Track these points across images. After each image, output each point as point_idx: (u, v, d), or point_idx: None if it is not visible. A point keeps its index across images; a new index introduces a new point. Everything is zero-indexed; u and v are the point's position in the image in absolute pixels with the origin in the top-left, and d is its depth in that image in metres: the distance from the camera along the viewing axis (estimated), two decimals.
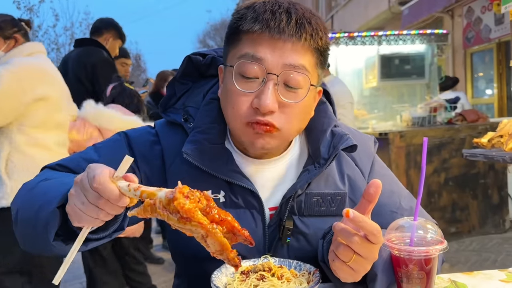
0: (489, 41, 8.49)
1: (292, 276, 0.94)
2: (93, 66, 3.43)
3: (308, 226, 1.10)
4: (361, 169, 1.19)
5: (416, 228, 0.93)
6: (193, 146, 1.07)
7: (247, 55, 1.00)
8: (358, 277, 0.91)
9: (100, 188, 0.75)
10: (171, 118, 1.17)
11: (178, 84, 1.21)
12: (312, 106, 1.10)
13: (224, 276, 0.98)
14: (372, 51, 5.74)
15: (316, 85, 1.06)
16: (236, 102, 1.02)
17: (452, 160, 4.60)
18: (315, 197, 1.10)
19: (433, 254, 0.91)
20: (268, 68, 0.99)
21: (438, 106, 4.88)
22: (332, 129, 1.14)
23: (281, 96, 0.99)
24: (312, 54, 1.02)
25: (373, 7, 11.84)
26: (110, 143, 1.16)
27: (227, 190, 1.09)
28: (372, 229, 0.82)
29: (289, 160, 1.15)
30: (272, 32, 0.97)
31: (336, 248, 0.87)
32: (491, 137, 2.12)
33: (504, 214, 4.84)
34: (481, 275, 1.13)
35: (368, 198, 0.86)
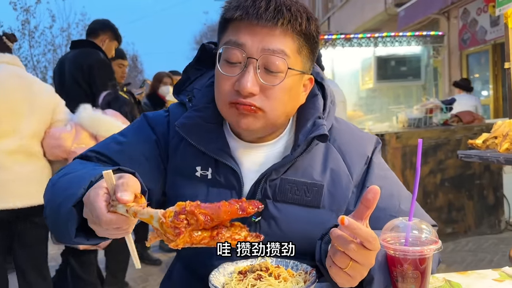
0: (484, 42, 8.54)
1: (289, 276, 0.95)
2: (89, 67, 3.42)
3: (280, 211, 1.13)
4: (348, 165, 1.19)
5: (411, 228, 0.95)
6: (186, 121, 1.15)
7: (230, 41, 1.06)
8: (355, 283, 0.92)
9: (100, 223, 0.81)
10: (180, 99, 1.27)
11: (192, 70, 1.29)
12: (298, 91, 1.13)
13: (222, 276, 0.99)
14: (368, 53, 5.78)
15: (298, 70, 1.08)
16: (221, 85, 1.09)
17: (448, 161, 4.63)
18: (289, 184, 1.13)
19: (428, 253, 0.92)
20: (248, 53, 1.04)
21: (434, 108, 4.91)
22: (316, 120, 1.16)
23: (261, 79, 1.05)
24: (292, 40, 1.06)
25: (369, 9, 11.90)
26: (134, 126, 1.26)
27: (213, 168, 1.15)
28: (367, 236, 0.83)
29: (279, 147, 1.19)
30: (251, 18, 1.03)
31: (333, 255, 0.88)
32: (485, 138, 2.14)
33: (500, 215, 4.87)
34: (475, 275, 1.15)
35: (366, 204, 0.86)
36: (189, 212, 0.75)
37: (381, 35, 5.55)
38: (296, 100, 1.14)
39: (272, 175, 1.13)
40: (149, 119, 1.24)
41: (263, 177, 1.12)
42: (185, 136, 1.13)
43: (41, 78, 4.05)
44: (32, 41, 18.70)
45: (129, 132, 1.24)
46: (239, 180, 1.14)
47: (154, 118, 1.25)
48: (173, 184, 1.19)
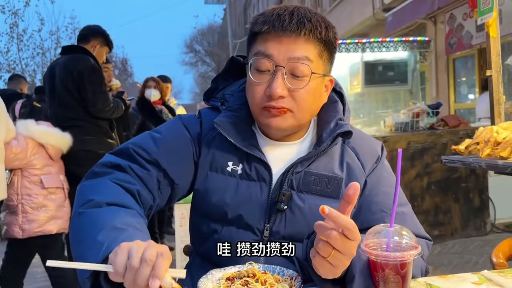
0: (470, 47, 8.66)
1: (275, 282, 0.98)
2: (79, 73, 3.43)
3: (304, 201, 1.24)
4: (362, 163, 1.31)
5: (392, 234, 0.99)
6: (224, 119, 1.28)
7: (259, 52, 1.20)
8: (337, 273, 0.96)
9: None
10: (210, 104, 1.40)
11: (221, 80, 1.44)
12: (321, 92, 1.26)
13: (210, 282, 1.02)
14: (356, 58, 5.84)
15: (320, 73, 1.22)
16: (253, 91, 1.22)
17: (435, 165, 4.70)
18: (312, 176, 1.25)
19: (408, 259, 0.96)
20: (276, 62, 1.18)
21: (420, 112, 4.98)
22: (337, 121, 1.30)
23: (289, 83, 1.19)
24: (314, 46, 1.19)
25: (357, 14, 12.01)
26: (168, 125, 1.37)
27: (244, 163, 1.27)
28: (346, 224, 0.88)
29: (303, 146, 1.32)
30: (277, 30, 1.17)
31: (316, 244, 0.93)
32: (468, 144, 2.19)
33: (485, 217, 4.95)
34: (455, 278, 1.19)
35: (347, 199, 0.91)
36: None
37: (369, 41, 5.62)
38: (319, 100, 1.27)
39: (298, 168, 1.25)
40: (183, 120, 1.36)
41: (290, 169, 1.24)
42: (222, 131, 1.25)
43: (30, 82, 4.04)
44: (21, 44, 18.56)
45: (164, 129, 1.34)
46: (270, 172, 1.25)
47: (188, 119, 1.37)
48: (205, 178, 1.29)
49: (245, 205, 1.25)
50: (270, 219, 1.24)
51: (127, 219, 1.04)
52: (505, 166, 1.87)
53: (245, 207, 1.25)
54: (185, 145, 1.30)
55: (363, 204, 1.27)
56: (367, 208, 1.26)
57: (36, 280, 4.34)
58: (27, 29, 18.59)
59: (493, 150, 1.96)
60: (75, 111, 3.50)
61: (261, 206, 1.24)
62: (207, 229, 1.29)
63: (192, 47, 33.29)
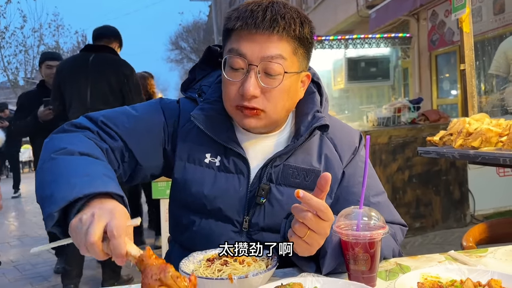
0: (452, 43, 8.80)
1: (253, 261, 1.04)
2: (126, 76, 3.57)
3: (282, 194, 1.26)
4: (339, 154, 1.34)
5: (361, 215, 1.06)
6: (200, 112, 1.28)
7: (233, 50, 1.19)
8: (313, 251, 1.04)
9: (90, 251, 0.88)
10: (188, 94, 1.39)
11: (199, 70, 1.43)
12: (296, 88, 1.26)
13: (192, 263, 1.08)
14: (339, 54, 5.93)
15: (295, 71, 1.21)
16: (227, 89, 1.22)
17: (416, 158, 4.80)
18: (291, 169, 1.27)
19: (376, 237, 1.03)
20: (249, 60, 1.17)
21: (402, 107, 5.08)
22: (315, 113, 1.30)
23: (262, 82, 1.18)
24: (288, 43, 1.18)
25: (342, 11, 12.11)
26: (147, 104, 1.37)
27: (222, 156, 1.28)
28: (319, 205, 0.96)
29: (281, 138, 1.33)
30: (250, 28, 1.15)
31: (293, 225, 1.01)
32: (442, 135, 2.28)
33: (465, 209, 5.08)
34: (424, 258, 1.26)
35: (319, 187, 0.99)
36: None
37: (352, 37, 5.72)
38: (295, 97, 1.27)
39: (276, 161, 1.27)
40: (162, 104, 1.36)
41: (268, 163, 1.26)
42: (199, 125, 1.25)
43: (12, 80, 4.01)
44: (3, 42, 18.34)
45: (142, 108, 1.34)
46: (247, 165, 1.27)
47: (167, 104, 1.37)
48: (182, 169, 1.29)
49: (224, 197, 1.26)
50: (249, 212, 1.26)
51: (99, 168, 1.06)
52: (476, 155, 1.95)
53: (223, 199, 1.26)
54: (157, 129, 1.30)
55: (341, 195, 1.32)
56: (344, 198, 1.31)
57: None
58: (9, 26, 18.42)
59: (465, 141, 2.04)
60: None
61: (240, 199, 1.26)
62: (186, 220, 1.31)
63: (178, 44, 33.13)
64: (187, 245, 1.29)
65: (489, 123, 2.08)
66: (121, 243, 0.85)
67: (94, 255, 0.88)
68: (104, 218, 0.88)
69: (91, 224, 0.86)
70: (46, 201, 0.98)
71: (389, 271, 1.17)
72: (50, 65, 4.36)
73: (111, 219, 0.87)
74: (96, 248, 0.86)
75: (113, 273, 3.77)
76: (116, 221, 0.86)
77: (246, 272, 1.00)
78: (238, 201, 1.26)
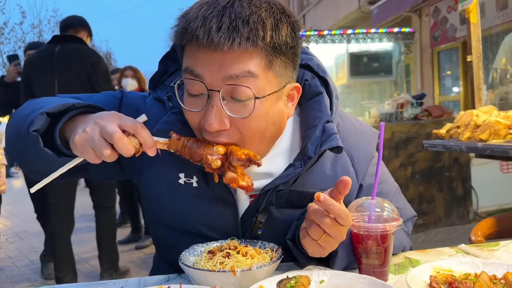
0: (455, 40, 8.75)
1: (256, 254, 0.99)
2: (92, 64, 3.53)
3: (282, 213, 1.10)
4: (356, 169, 1.14)
5: (374, 206, 1.00)
6: (166, 126, 1.03)
7: (187, 70, 0.94)
8: (325, 254, 0.97)
9: (111, 138, 0.85)
10: (157, 94, 1.14)
11: (171, 60, 1.14)
12: (280, 109, 0.99)
13: (192, 256, 1.03)
14: (341, 49, 5.88)
15: (271, 92, 0.94)
16: (189, 120, 0.99)
17: (418, 154, 4.75)
18: (298, 195, 1.08)
19: (390, 230, 0.97)
20: (209, 85, 0.91)
21: (404, 103, 5.03)
22: (324, 124, 1.06)
23: (229, 112, 0.92)
24: (259, 56, 0.91)
25: (343, 7, 12.04)
26: (108, 98, 1.18)
27: (200, 177, 1.06)
28: (340, 212, 0.88)
29: (277, 153, 1.09)
30: (201, 44, 0.89)
31: (309, 227, 0.93)
32: (449, 128, 2.23)
33: (468, 206, 5.02)
34: (433, 252, 1.21)
35: (338, 190, 0.90)
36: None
37: (354, 32, 5.66)
38: (279, 119, 1.00)
39: (280, 187, 1.06)
40: (123, 101, 1.16)
41: (269, 190, 1.05)
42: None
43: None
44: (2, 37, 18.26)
45: (96, 99, 1.15)
46: (231, 194, 1.06)
47: (130, 100, 1.16)
48: (153, 192, 1.11)
49: (212, 225, 1.09)
50: (245, 234, 1.11)
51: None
52: (484, 148, 1.90)
53: (211, 226, 1.09)
54: None
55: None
56: None
57: None
58: (8, 22, 18.33)
59: (473, 133, 1.99)
60: None
61: (228, 227, 1.09)
62: (171, 240, 1.14)
63: None
64: (177, 265, 1.07)
65: (497, 115, 2.03)
66: (148, 132, 0.88)
67: (123, 149, 0.86)
68: (112, 119, 0.87)
69: (105, 126, 0.86)
70: (29, 116, 0.94)
71: (398, 265, 1.12)
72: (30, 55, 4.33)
73: (120, 118, 0.87)
74: (125, 140, 0.86)
75: (111, 263, 3.80)
76: (127, 119, 0.88)
77: (250, 264, 0.94)
78: (231, 229, 1.09)
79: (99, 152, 0.86)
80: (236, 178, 0.91)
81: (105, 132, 0.86)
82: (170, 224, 1.13)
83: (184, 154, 0.91)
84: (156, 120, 1.06)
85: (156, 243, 1.26)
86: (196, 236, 1.09)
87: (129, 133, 0.88)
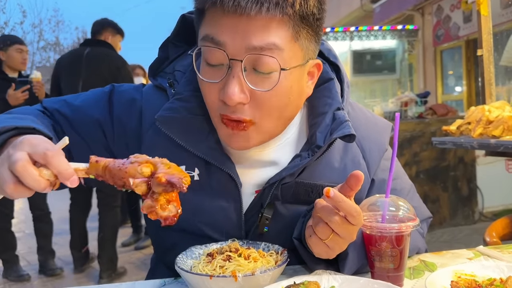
0: (458, 38, 8.67)
1: (260, 256, 0.90)
2: (117, 69, 3.73)
3: (289, 209, 1.02)
4: (368, 162, 1.06)
5: (388, 205, 0.91)
6: (168, 113, 0.96)
7: (207, 37, 0.87)
8: (332, 255, 0.89)
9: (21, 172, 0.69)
10: (157, 82, 1.06)
11: (172, 46, 1.07)
12: (301, 86, 0.93)
13: (190, 259, 0.94)
14: (344, 47, 5.80)
15: (296, 65, 0.88)
16: (205, 93, 0.92)
17: (423, 153, 4.67)
18: (305, 187, 1.00)
19: (406, 230, 0.89)
20: (231, 54, 0.84)
21: (408, 101, 4.96)
22: (335, 112, 0.99)
23: (250, 84, 0.85)
24: (285, 26, 0.85)
25: (345, 5, 11.95)
26: (95, 94, 1.09)
27: (202, 169, 0.98)
28: (351, 210, 0.80)
29: (284, 142, 1.03)
30: (227, 9, 0.82)
31: (315, 225, 0.85)
32: (459, 124, 2.14)
33: (474, 206, 4.95)
34: (449, 254, 1.13)
35: (349, 185, 0.83)
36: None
37: (357, 29, 5.58)
38: (299, 98, 0.94)
39: (285, 179, 0.98)
40: (113, 94, 1.07)
41: (275, 182, 0.98)
42: (167, 132, 0.95)
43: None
44: None
45: (84, 96, 1.08)
46: (236, 186, 0.99)
47: (120, 94, 1.06)
48: None
49: (212, 223, 1.01)
50: (248, 234, 1.03)
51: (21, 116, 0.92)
52: (497, 144, 1.82)
53: (212, 225, 1.01)
54: (93, 130, 1.03)
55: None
56: None
57: None
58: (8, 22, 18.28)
59: (485, 129, 1.91)
60: None
61: (231, 223, 1.01)
62: (169, 241, 1.07)
63: None
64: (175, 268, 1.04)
65: (510, 110, 1.94)
66: (64, 161, 0.70)
67: (30, 181, 0.69)
68: (23, 147, 0.72)
69: (12, 154, 0.70)
70: None
71: (413, 268, 1.04)
72: (21, 49, 4.20)
73: (33, 145, 0.72)
74: (30, 170, 0.69)
75: (111, 263, 3.81)
76: (39, 145, 0.71)
77: (253, 268, 0.86)
78: (231, 228, 1.01)
79: (1, 187, 0.72)
80: (154, 208, 0.71)
81: (10, 162, 0.70)
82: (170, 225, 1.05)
83: (107, 178, 0.72)
84: (156, 109, 0.99)
85: (154, 244, 1.18)
86: (196, 236, 1.01)
87: (40, 163, 0.71)
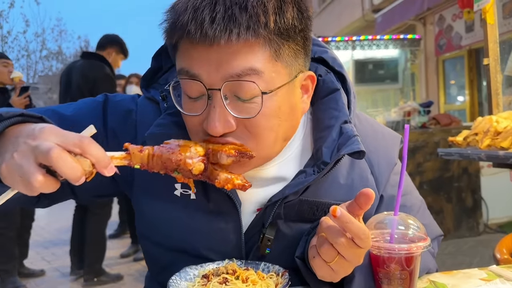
0: (460, 48, 8.64)
1: (259, 279, 0.84)
2: (94, 80, 3.75)
3: (292, 228, 0.96)
4: (376, 177, 1.01)
5: (396, 223, 0.85)
6: (159, 130, 0.91)
7: (182, 71, 0.82)
8: (337, 278, 0.82)
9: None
10: (150, 94, 1.02)
11: (166, 56, 1.02)
12: (294, 102, 0.88)
13: (184, 280, 0.87)
14: (346, 56, 5.76)
15: (281, 84, 0.82)
16: (188, 125, 0.87)
17: (427, 164, 4.60)
18: (309, 205, 0.94)
19: (416, 251, 0.82)
20: (208, 84, 0.80)
21: (411, 110, 4.90)
22: (342, 125, 0.93)
23: (233, 112, 0.80)
24: (263, 48, 0.79)
25: (347, 15, 11.96)
26: (88, 105, 1.03)
27: (199, 188, 0.93)
28: (358, 231, 0.74)
29: (287, 158, 0.97)
30: (194, 40, 0.77)
31: (320, 246, 0.79)
32: (466, 135, 2.08)
33: (478, 217, 4.86)
34: (460, 274, 1.06)
35: (358, 204, 0.77)
36: None
37: (359, 38, 5.55)
38: (292, 116, 0.88)
39: (289, 197, 0.92)
40: (107, 105, 1.02)
41: (277, 201, 0.92)
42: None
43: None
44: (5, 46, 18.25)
45: (75, 106, 1.02)
46: (234, 207, 0.93)
47: (114, 105, 1.01)
48: (145, 205, 0.98)
49: (211, 243, 0.96)
50: (249, 255, 0.97)
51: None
52: (506, 156, 1.75)
53: (210, 245, 0.96)
54: None
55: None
56: None
57: None
58: (11, 31, 18.32)
59: (493, 141, 1.84)
60: None
61: (230, 245, 0.96)
62: (164, 260, 1.02)
63: None
64: (161, 281, 1.00)
65: None
66: (99, 147, 0.68)
67: (67, 170, 0.64)
68: (47, 136, 0.67)
69: (39, 145, 0.65)
70: None
71: None
72: (7, 63, 4.25)
73: (59, 133, 0.67)
74: (67, 157, 0.64)
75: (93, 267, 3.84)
76: (68, 134, 0.68)
77: None
78: (232, 248, 0.96)
79: (27, 181, 0.66)
80: (231, 179, 0.78)
81: (39, 152, 0.65)
82: (163, 242, 0.99)
83: (153, 166, 0.72)
84: (150, 123, 0.95)
85: (149, 262, 1.11)
86: (192, 257, 0.95)
87: (74, 153, 0.67)
